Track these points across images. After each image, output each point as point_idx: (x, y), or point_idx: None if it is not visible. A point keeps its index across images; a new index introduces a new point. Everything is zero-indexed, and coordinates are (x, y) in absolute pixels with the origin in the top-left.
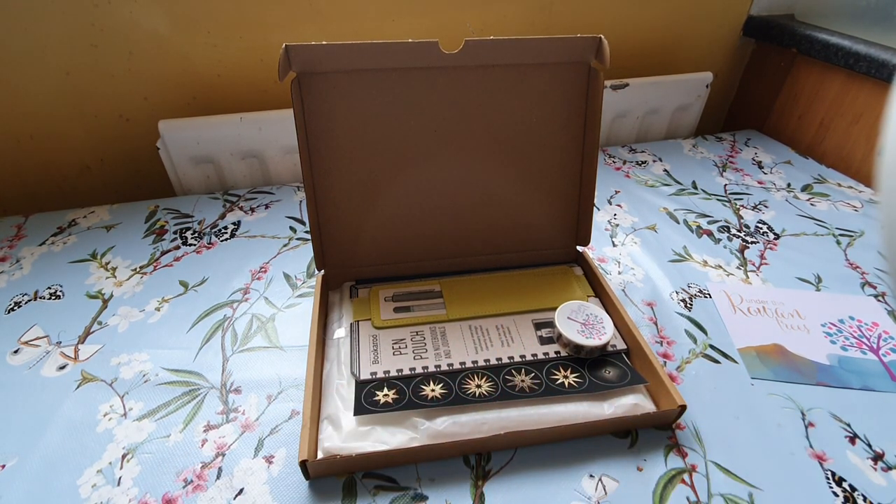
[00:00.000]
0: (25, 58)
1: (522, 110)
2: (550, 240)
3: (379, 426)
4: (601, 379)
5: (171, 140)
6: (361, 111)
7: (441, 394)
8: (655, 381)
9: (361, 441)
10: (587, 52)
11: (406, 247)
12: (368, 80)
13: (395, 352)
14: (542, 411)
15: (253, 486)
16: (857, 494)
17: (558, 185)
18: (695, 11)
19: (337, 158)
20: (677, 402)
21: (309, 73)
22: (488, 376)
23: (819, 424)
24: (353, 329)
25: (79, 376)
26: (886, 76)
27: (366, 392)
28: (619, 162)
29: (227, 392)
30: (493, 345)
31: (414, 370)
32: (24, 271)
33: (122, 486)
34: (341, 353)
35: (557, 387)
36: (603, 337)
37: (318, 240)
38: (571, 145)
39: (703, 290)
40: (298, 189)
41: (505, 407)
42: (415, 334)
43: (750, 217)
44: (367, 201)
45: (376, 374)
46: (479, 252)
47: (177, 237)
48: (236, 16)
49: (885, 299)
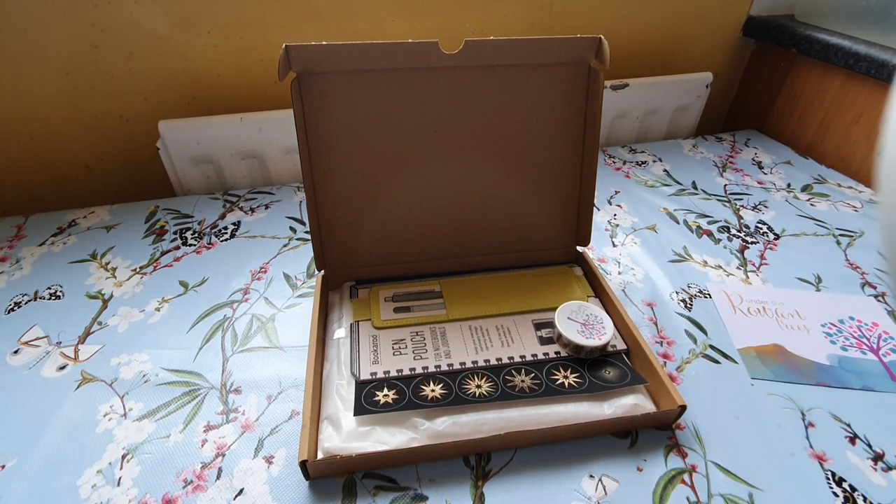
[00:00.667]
0: (26, 58)
1: (522, 110)
2: (550, 240)
3: (379, 426)
4: (601, 379)
5: (171, 140)
6: (361, 111)
7: (441, 394)
8: (655, 382)
9: (361, 441)
10: (587, 53)
11: (406, 247)
12: (368, 80)
13: (395, 352)
14: (542, 411)
15: (253, 487)
16: (857, 494)
17: (558, 186)
18: (695, 12)
19: (337, 158)
20: (677, 402)
21: (309, 74)
22: (488, 376)
23: (819, 425)
24: (353, 329)
25: (79, 376)
26: (886, 76)
27: (366, 392)
28: (619, 162)
29: (227, 392)
30: (493, 345)
31: (414, 370)
32: (24, 271)
33: (121, 486)
34: (341, 353)
35: (557, 387)
36: (603, 337)
37: (319, 240)
38: (571, 145)
39: (703, 290)
40: (298, 189)
41: (505, 407)
42: (415, 334)
43: (750, 217)
44: (367, 201)
45: (376, 374)
46: (479, 252)
47: (177, 237)
48: (236, 16)
49: (885, 299)
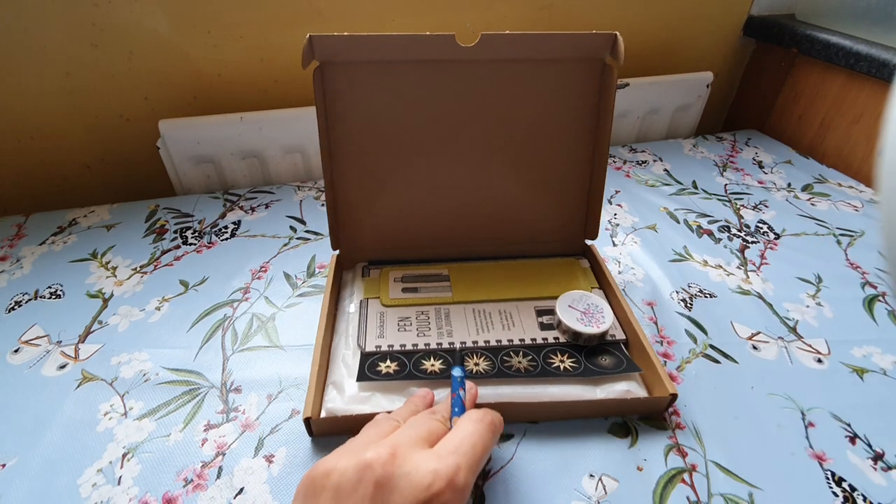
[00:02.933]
0: (26, 57)
1: (535, 105)
2: (559, 232)
3: (379, 393)
4: (596, 365)
5: (171, 140)
6: (378, 100)
7: (440, 369)
8: (650, 371)
9: (362, 405)
10: (602, 49)
11: (417, 232)
12: (386, 70)
13: (400, 328)
14: (535, 391)
15: (253, 486)
16: (856, 494)
17: (568, 179)
18: (695, 11)
19: (354, 145)
20: (669, 390)
21: (331, 63)
22: (487, 356)
23: (819, 424)
24: (363, 305)
25: (79, 375)
26: (887, 76)
27: (369, 363)
28: (619, 162)
29: (227, 391)
30: (494, 327)
31: (416, 346)
32: (25, 270)
33: (122, 485)
34: (350, 326)
35: (553, 370)
36: (602, 326)
37: (335, 221)
38: (582, 140)
39: (704, 289)
40: (298, 189)
41: (500, 384)
42: (420, 313)
43: (750, 217)
44: (381, 187)
45: (381, 347)
46: (487, 241)
47: (177, 237)
48: (237, 15)
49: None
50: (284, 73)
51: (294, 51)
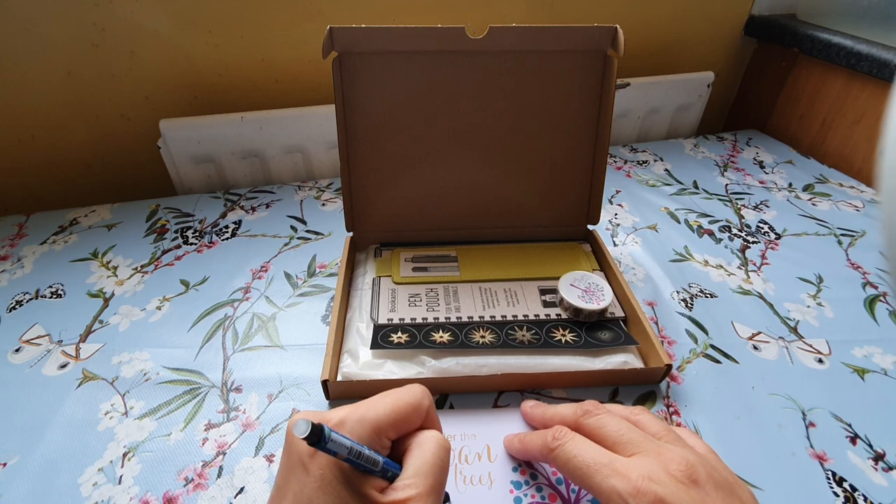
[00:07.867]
0: (27, 57)
1: (540, 94)
2: (563, 217)
3: (391, 360)
4: (596, 339)
5: (172, 139)
6: (393, 89)
7: (448, 340)
8: (647, 345)
9: (375, 371)
10: (604, 41)
11: (427, 217)
12: (400, 61)
13: (410, 304)
14: (537, 361)
15: (254, 485)
16: (857, 494)
17: (571, 165)
18: (696, 11)
19: (369, 132)
20: (664, 361)
21: (349, 53)
22: (493, 329)
23: (820, 424)
24: (375, 283)
25: (80, 375)
26: (888, 76)
27: (382, 333)
28: (619, 161)
29: (227, 391)
30: (499, 304)
31: (426, 319)
32: (26, 270)
33: (123, 484)
34: (363, 301)
35: (555, 343)
36: (602, 303)
37: (350, 204)
38: (585, 129)
39: (705, 289)
40: (299, 188)
41: (504, 354)
42: (429, 290)
43: (751, 217)
44: (394, 173)
45: (392, 319)
46: (494, 225)
47: (178, 236)
48: (237, 15)
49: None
50: (285, 72)
51: (295, 50)
